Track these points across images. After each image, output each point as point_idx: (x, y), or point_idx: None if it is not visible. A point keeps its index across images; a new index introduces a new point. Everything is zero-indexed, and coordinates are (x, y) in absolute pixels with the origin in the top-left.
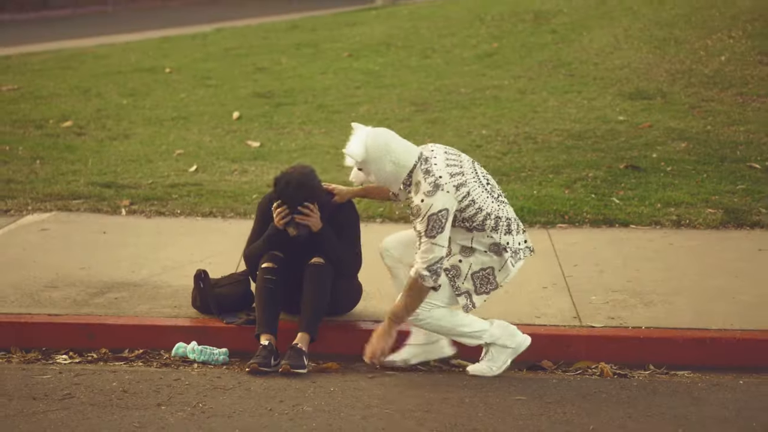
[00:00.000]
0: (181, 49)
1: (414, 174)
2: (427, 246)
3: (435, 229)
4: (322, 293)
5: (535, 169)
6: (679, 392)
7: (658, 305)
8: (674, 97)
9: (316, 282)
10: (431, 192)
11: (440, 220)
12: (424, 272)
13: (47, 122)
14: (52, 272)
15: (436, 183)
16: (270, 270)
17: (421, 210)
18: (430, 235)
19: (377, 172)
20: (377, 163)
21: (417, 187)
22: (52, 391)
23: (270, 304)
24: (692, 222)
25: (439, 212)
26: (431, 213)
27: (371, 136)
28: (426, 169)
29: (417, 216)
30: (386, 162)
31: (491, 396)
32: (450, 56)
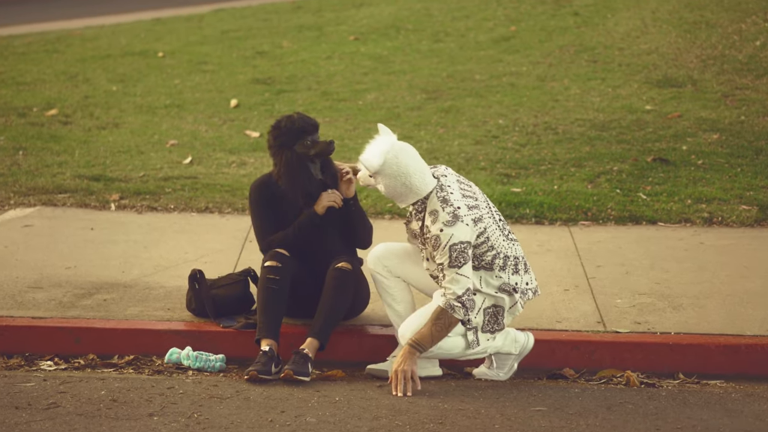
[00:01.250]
0: (175, 32)
1: (429, 201)
2: (452, 276)
3: (458, 260)
4: (343, 301)
5: (556, 162)
6: (711, 403)
7: (688, 309)
8: (705, 85)
9: (340, 289)
10: (451, 222)
11: (463, 251)
12: (455, 303)
13: (31, 110)
14: (36, 272)
15: (455, 214)
16: (274, 269)
17: (440, 240)
18: (454, 265)
19: (387, 186)
20: (390, 179)
21: (434, 216)
22: (36, 400)
23: (273, 307)
24: (725, 219)
25: (460, 243)
26: (452, 243)
27: (393, 152)
28: (443, 197)
29: (436, 247)
30: (399, 183)
31: (509, 407)
32: (464, 40)
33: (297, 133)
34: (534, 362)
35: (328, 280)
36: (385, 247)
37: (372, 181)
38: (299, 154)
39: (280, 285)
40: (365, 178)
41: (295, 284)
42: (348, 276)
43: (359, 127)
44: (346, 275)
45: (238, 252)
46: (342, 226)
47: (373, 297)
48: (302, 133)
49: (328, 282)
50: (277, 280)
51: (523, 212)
